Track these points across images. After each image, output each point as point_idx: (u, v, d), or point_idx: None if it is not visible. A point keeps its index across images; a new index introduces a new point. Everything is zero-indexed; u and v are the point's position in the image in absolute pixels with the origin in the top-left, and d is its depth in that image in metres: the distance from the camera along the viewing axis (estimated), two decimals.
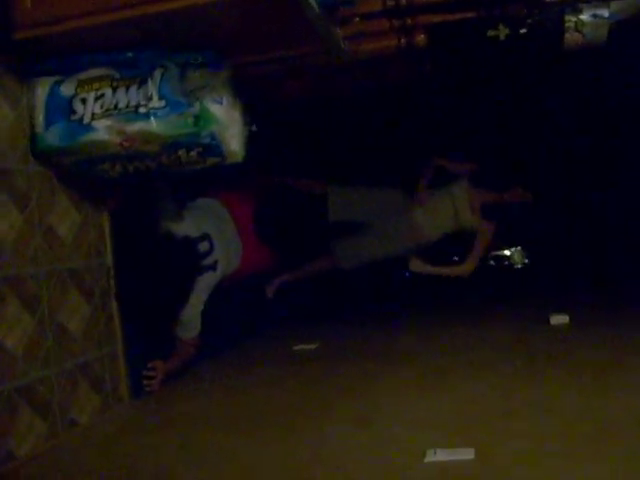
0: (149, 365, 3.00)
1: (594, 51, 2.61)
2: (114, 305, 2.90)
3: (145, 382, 2.97)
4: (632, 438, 1.97)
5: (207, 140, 2.55)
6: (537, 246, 6.84)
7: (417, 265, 4.12)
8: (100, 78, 2.54)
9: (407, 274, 5.55)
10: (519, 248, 7.05)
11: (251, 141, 2.79)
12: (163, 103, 2.49)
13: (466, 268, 4.10)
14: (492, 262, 6.97)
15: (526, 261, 7.01)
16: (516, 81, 4.39)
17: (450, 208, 4.05)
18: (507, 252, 7.05)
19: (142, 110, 2.48)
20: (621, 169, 5.81)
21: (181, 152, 2.58)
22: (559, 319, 3.62)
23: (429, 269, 4.14)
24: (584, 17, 2.47)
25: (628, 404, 2.26)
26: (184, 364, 3.16)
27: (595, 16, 2.46)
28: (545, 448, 1.95)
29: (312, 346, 3.65)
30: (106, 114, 2.49)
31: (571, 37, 2.51)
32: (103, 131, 2.48)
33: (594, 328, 3.48)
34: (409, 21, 2.69)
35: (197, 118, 2.52)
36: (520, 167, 4.51)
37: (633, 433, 2.01)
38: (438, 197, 4.10)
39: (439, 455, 1.95)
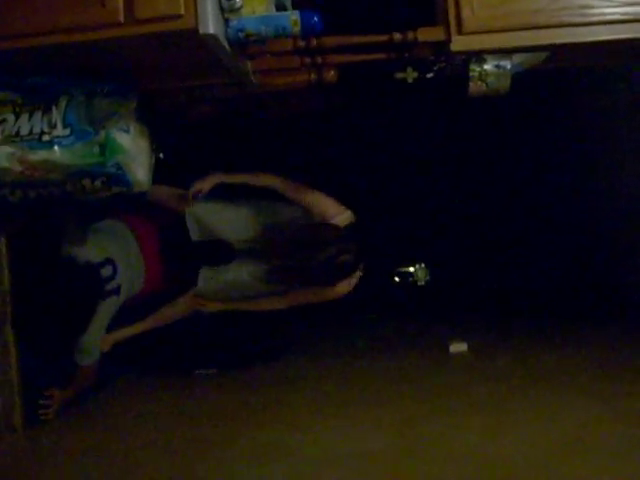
0: (45, 393, 2.94)
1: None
2: (10, 332, 2.82)
3: (40, 411, 2.90)
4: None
5: (113, 170, 2.51)
6: (440, 263, 7.02)
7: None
8: (2, 102, 2.48)
9: None
10: (422, 265, 7.22)
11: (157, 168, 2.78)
12: (68, 131, 2.44)
13: None
14: (396, 279, 7.12)
15: (428, 278, 7.18)
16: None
17: None
18: (411, 269, 7.21)
19: (46, 138, 2.42)
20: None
21: (85, 181, 2.54)
22: (458, 347, 3.72)
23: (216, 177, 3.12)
24: (488, 67, 2.56)
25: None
26: (82, 391, 3.10)
27: (498, 67, 2.57)
28: None
29: (211, 370, 3.64)
30: (7, 140, 2.42)
31: (475, 85, 2.60)
32: (4, 158, 2.41)
33: (492, 357, 3.61)
34: (319, 59, 2.73)
35: (103, 147, 2.48)
36: None
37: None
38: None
39: None
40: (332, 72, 2.81)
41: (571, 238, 5.55)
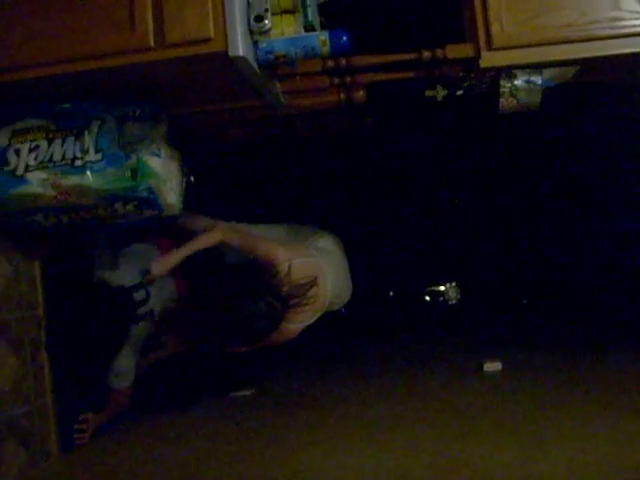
0: (80, 418, 2.94)
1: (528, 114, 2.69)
2: (45, 357, 2.83)
3: (76, 436, 2.91)
4: None
5: (144, 194, 2.52)
6: (472, 282, 6.96)
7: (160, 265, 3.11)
8: (35, 129, 2.50)
9: (342, 311, 5.55)
10: (454, 284, 7.16)
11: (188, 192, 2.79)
12: (100, 156, 2.46)
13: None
14: (427, 297, 7.07)
15: (459, 297, 7.12)
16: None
17: None
18: (442, 287, 7.15)
19: (78, 163, 2.44)
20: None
21: (117, 205, 2.55)
22: (492, 366, 3.66)
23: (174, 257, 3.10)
24: (518, 83, 2.54)
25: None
26: (117, 415, 3.10)
27: (529, 82, 2.54)
28: None
29: (248, 392, 3.63)
30: (41, 166, 2.45)
31: (506, 102, 2.58)
32: (37, 184, 2.44)
33: (526, 374, 3.55)
34: (349, 79, 2.73)
35: (134, 172, 2.49)
36: None
37: None
38: None
39: None
40: (361, 92, 2.81)
41: (605, 252, 5.47)
